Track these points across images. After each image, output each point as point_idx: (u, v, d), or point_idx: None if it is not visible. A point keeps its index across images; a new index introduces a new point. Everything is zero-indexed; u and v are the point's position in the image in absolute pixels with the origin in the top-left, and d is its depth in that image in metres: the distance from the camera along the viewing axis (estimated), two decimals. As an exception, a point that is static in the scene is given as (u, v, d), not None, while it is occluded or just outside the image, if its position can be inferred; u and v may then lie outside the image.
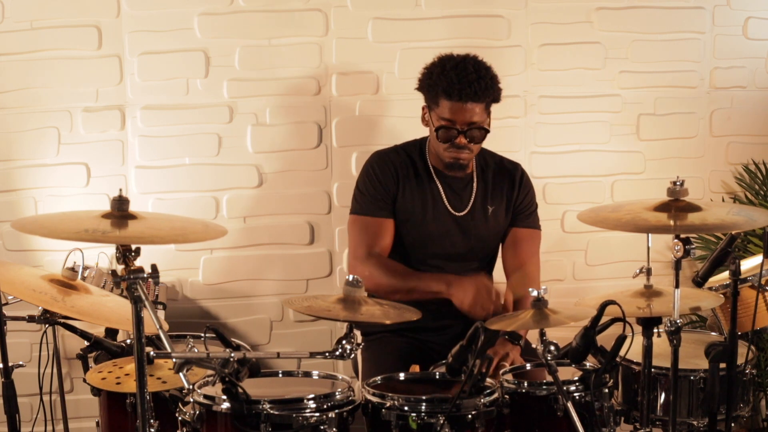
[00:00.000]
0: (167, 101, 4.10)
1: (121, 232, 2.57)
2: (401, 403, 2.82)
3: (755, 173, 4.48)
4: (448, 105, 3.44)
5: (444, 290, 3.45)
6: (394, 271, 3.54)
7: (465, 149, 3.50)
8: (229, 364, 2.60)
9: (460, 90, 3.41)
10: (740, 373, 3.32)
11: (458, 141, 3.48)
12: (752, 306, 3.28)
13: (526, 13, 4.28)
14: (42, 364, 3.47)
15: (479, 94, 3.43)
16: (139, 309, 2.48)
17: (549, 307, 2.89)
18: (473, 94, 3.42)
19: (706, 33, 4.42)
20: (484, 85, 3.44)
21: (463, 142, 3.48)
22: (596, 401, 2.95)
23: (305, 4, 4.13)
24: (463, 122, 3.46)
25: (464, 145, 3.48)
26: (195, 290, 4.21)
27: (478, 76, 3.43)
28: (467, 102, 3.42)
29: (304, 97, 4.18)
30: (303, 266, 4.26)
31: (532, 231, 3.72)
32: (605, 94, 4.39)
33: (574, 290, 4.37)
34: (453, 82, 3.41)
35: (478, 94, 3.43)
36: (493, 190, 3.68)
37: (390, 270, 3.53)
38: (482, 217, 3.65)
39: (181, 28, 4.06)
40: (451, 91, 3.42)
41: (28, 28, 3.96)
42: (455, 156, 3.52)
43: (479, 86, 3.42)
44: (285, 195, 4.22)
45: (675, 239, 2.94)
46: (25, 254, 4.05)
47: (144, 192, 4.11)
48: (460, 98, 3.42)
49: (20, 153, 4.03)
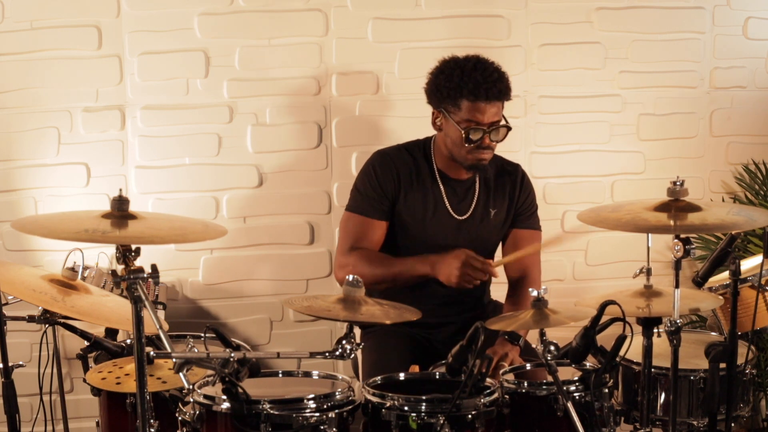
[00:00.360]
0: (167, 101, 4.10)
1: (121, 232, 2.57)
2: (401, 403, 2.81)
3: (755, 173, 4.48)
4: (472, 106, 3.43)
5: (429, 270, 3.44)
6: (377, 260, 3.52)
7: (488, 149, 3.50)
8: (229, 364, 2.60)
9: (487, 90, 3.42)
10: (740, 373, 3.32)
11: (485, 142, 3.47)
12: (752, 306, 3.28)
13: (526, 13, 4.28)
14: (42, 364, 3.47)
15: (503, 92, 3.46)
16: (139, 309, 2.48)
17: (549, 307, 2.89)
18: (498, 92, 3.44)
19: (706, 33, 4.43)
20: (507, 83, 3.48)
21: (489, 142, 3.48)
22: (596, 401, 2.95)
23: (305, 4, 4.13)
24: (489, 122, 3.46)
25: (488, 144, 3.48)
26: (195, 290, 4.21)
27: (500, 75, 3.47)
28: (492, 101, 3.44)
29: (304, 97, 4.18)
30: (303, 266, 4.26)
31: (533, 232, 3.71)
32: (605, 94, 4.39)
33: (574, 290, 4.37)
34: (479, 83, 3.41)
35: (502, 92, 3.45)
36: (495, 192, 3.66)
37: (372, 259, 3.52)
38: (484, 220, 3.64)
39: (181, 28, 4.06)
40: (477, 92, 3.41)
41: (28, 28, 3.96)
42: (479, 157, 3.50)
43: (503, 85, 3.46)
44: (285, 195, 4.22)
45: (675, 239, 2.94)
46: (25, 254, 4.05)
47: (144, 192, 4.11)
48: (487, 98, 3.42)
49: (20, 153, 4.03)
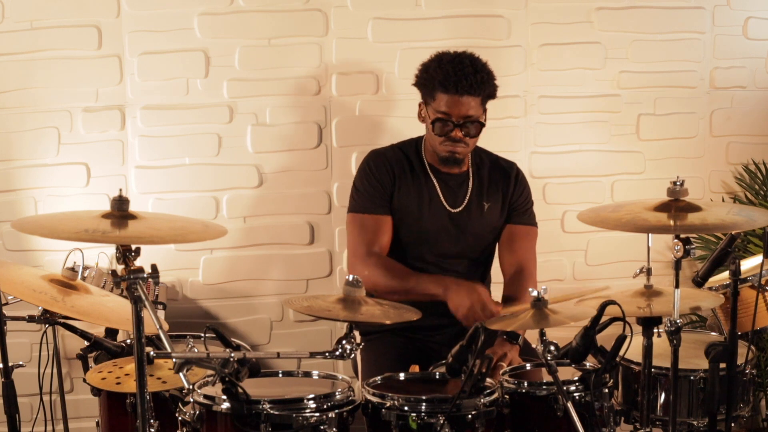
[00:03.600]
0: (167, 101, 4.10)
1: (121, 232, 2.57)
2: (401, 403, 2.81)
3: (755, 173, 4.48)
4: (444, 98, 3.47)
5: (441, 294, 3.45)
6: (393, 272, 3.54)
7: (461, 143, 3.52)
8: (229, 364, 2.60)
9: (457, 82, 3.44)
10: (740, 373, 3.32)
11: (454, 134, 3.50)
12: (752, 306, 3.28)
13: (526, 13, 4.28)
14: (42, 364, 3.47)
15: (475, 87, 3.46)
16: (139, 309, 2.48)
17: (549, 307, 2.89)
18: (469, 87, 3.45)
19: (706, 33, 4.43)
20: (480, 78, 3.47)
21: (459, 136, 3.50)
22: (596, 401, 2.95)
23: (305, 4, 4.13)
24: (459, 115, 3.48)
25: (460, 138, 3.51)
26: (195, 290, 4.21)
27: (474, 69, 3.47)
28: (463, 95, 3.45)
29: (304, 97, 4.18)
30: (303, 266, 4.26)
31: (528, 228, 3.72)
32: (605, 94, 4.39)
33: (574, 290, 4.36)
34: (449, 75, 3.45)
35: (474, 87, 3.46)
36: (489, 186, 3.69)
37: (389, 270, 3.54)
38: (478, 213, 3.66)
39: (181, 28, 4.06)
40: (447, 84, 3.45)
41: (28, 28, 3.96)
42: (451, 149, 3.54)
43: (475, 79, 3.46)
44: (285, 195, 4.22)
45: (675, 239, 2.94)
46: (25, 254, 4.05)
47: (144, 192, 4.11)
48: (456, 91, 3.45)
49: (20, 153, 4.03)
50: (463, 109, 3.47)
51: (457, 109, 3.47)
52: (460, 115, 3.48)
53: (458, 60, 3.49)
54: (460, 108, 3.47)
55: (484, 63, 3.54)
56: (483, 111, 3.55)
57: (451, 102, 3.47)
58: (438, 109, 3.49)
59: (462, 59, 3.50)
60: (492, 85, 3.54)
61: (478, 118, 3.51)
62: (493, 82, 3.54)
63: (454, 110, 3.47)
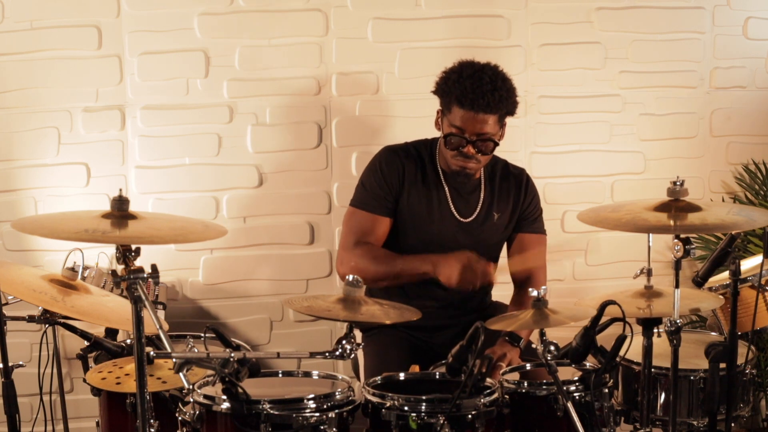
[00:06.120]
0: (167, 101, 4.10)
1: (121, 232, 2.57)
2: (401, 403, 2.81)
3: (755, 173, 4.48)
4: (460, 113, 3.40)
5: (430, 270, 3.41)
6: (379, 258, 3.50)
7: (472, 159, 3.46)
8: (229, 364, 2.60)
9: (473, 100, 3.37)
10: (740, 373, 3.33)
11: (466, 150, 3.44)
12: (752, 306, 3.28)
13: (526, 13, 4.28)
14: (42, 364, 3.47)
15: (492, 105, 3.38)
16: (139, 309, 2.48)
17: (549, 307, 2.89)
18: (486, 105, 3.37)
19: (706, 33, 4.43)
20: (498, 96, 3.39)
21: (472, 152, 3.44)
22: (596, 401, 2.95)
23: (305, 4, 4.13)
24: (473, 132, 3.41)
25: (472, 155, 3.44)
26: (195, 290, 4.21)
27: (493, 87, 3.38)
28: (479, 112, 3.38)
29: (304, 97, 4.18)
30: (303, 266, 4.26)
31: (538, 236, 3.70)
32: (605, 94, 4.39)
33: (574, 290, 4.37)
34: (467, 91, 3.37)
35: (491, 105, 3.38)
36: (500, 196, 3.65)
37: (375, 257, 3.50)
38: (488, 223, 3.63)
39: (181, 28, 4.06)
40: (464, 100, 3.38)
41: (28, 28, 3.96)
42: (462, 165, 3.48)
43: (493, 98, 3.37)
44: (285, 195, 4.22)
45: (675, 239, 2.95)
46: (25, 254, 4.05)
47: (144, 192, 4.11)
48: (472, 108, 3.38)
49: (20, 153, 4.03)
50: (477, 126, 3.40)
51: (472, 125, 3.40)
52: (474, 132, 3.41)
53: (478, 76, 3.39)
54: (474, 125, 3.40)
55: (507, 79, 3.45)
56: (500, 127, 3.48)
57: (467, 118, 3.39)
58: (453, 122, 3.42)
59: (482, 75, 3.40)
60: (511, 102, 3.46)
61: (493, 136, 3.44)
62: (513, 99, 3.46)
63: (468, 126, 3.40)
